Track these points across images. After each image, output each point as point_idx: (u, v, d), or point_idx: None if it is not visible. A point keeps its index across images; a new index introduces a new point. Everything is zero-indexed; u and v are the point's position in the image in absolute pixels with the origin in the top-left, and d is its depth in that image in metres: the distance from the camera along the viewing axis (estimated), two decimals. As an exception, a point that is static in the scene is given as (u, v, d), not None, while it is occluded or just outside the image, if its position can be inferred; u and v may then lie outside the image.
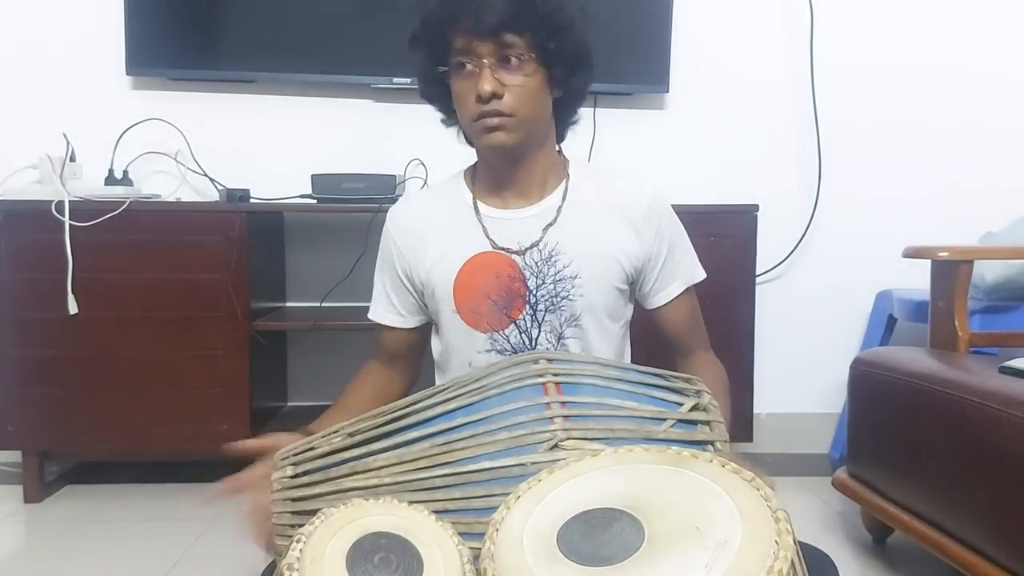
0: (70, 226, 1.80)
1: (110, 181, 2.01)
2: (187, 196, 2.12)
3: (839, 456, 2.14)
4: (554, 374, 0.88)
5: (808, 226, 2.29)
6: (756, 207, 2.00)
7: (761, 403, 2.10)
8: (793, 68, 2.29)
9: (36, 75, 2.14)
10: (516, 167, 1.13)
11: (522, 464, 0.79)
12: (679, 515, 0.64)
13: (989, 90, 2.32)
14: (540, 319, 1.11)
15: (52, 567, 1.57)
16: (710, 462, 0.70)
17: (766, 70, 2.30)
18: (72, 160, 1.96)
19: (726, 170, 2.27)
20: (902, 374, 1.40)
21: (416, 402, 0.90)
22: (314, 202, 1.99)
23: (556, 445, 0.80)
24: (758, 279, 2.07)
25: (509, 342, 1.12)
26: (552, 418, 0.82)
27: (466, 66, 1.04)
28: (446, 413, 0.86)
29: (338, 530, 0.70)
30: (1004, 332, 1.67)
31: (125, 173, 2.04)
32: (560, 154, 1.20)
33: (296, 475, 0.87)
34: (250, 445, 0.99)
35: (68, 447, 2.02)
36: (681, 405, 0.87)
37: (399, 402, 0.91)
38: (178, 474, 2.02)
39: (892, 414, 1.43)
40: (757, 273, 2.05)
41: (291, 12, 2.11)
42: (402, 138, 2.14)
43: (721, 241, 1.97)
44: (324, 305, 2.01)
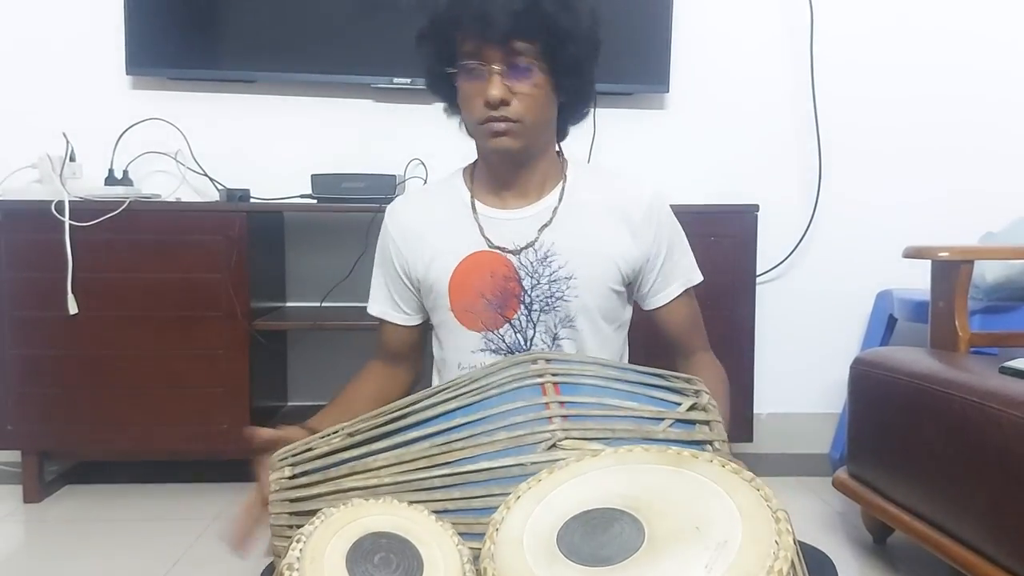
0: (70, 226, 1.81)
1: (110, 181, 2.01)
2: (187, 196, 2.12)
3: (839, 456, 2.14)
4: (553, 374, 0.87)
5: (808, 226, 2.29)
6: (756, 207, 2.00)
7: (761, 403, 2.11)
8: (793, 68, 2.29)
9: (36, 75, 2.14)
10: (517, 169, 1.13)
11: (521, 464, 0.79)
12: (679, 515, 0.64)
13: (989, 92, 2.32)
14: (535, 319, 1.11)
15: (52, 567, 1.57)
16: (710, 462, 0.70)
17: (766, 70, 2.30)
18: (72, 160, 1.97)
19: (726, 170, 2.27)
20: (902, 374, 1.40)
21: (415, 402, 0.90)
22: (314, 202, 1.99)
23: (555, 445, 0.80)
24: (758, 279, 2.07)
25: (504, 341, 1.11)
26: (551, 418, 0.82)
27: (475, 68, 1.04)
28: (445, 413, 0.86)
29: (338, 530, 0.70)
30: (1004, 332, 1.67)
31: (125, 173, 2.04)
32: (560, 155, 1.20)
33: (294, 476, 0.87)
34: (267, 435, 0.98)
35: (68, 447, 2.02)
36: (680, 405, 0.87)
37: (398, 402, 0.91)
38: (178, 474, 2.02)
39: (892, 414, 1.43)
40: (757, 273, 2.05)
41: (291, 12, 2.11)
42: (402, 138, 2.14)
43: (721, 241, 1.97)
44: (324, 305, 2.01)
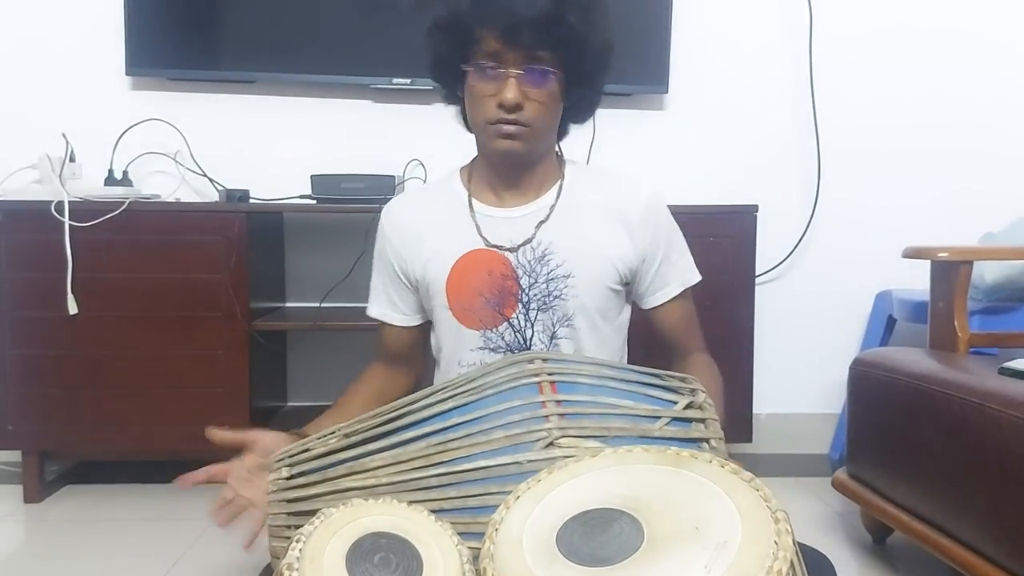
0: (70, 226, 1.80)
1: (110, 181, 2.01)
2: (187, 196, 2.12)
3: (839, 457, 2.14)
4: (549, 373, 0.88)
5: (808, 226, 2.29)
6: (755, 208, 2.00)
7: (761, 404, 2.10)
8: (792, 69, 2.29)
9: (36, 75, 2.14)
10: (518, 170, 1.13)
11: (518, 462, 0.79)
12: (678, 515, 0.64)
13: (988, 92, 2.32)
14: (533, 318, 1.11)
15: (52, 567, 1.57)
16: (709, 463, 0.70)
17: (765, 71, 2.30)
18: (72, 160, 1.96)
19: (725, 171, 2.27)
20: (902, 375, 1.40)
21: (412, 403, 0.90)
22: (313, 202, 1.99)
23: (551, 443, 0.80)
24: (758, 280, 2.07)
25: (503, 340, 1.11)
26: (547, 416, 0.82)
27: (490, 68, 1.03)
28: (442, 413, 0.87)
29: (338, 530, 0.70)
30: (1004, 333, 1.66)
31: (125, 173, 2.04)
32: (559, 155, 1.20)
33: (292, 476, 0.87)
34: (230, 437, 1.00)
35: (68, 447, 2.02)
36: (676, 404, 0.87)
37: (395, 403, 0.91)
38: (178, 474, 2.01)
39: (892, 415, 1.43)
40: (757, 274, 2.05)
41: (291, 12, 2.11)
42: (401, 138, 2.14)
43: (721, 242, 1.97)
44: (324, 305, 2.01)
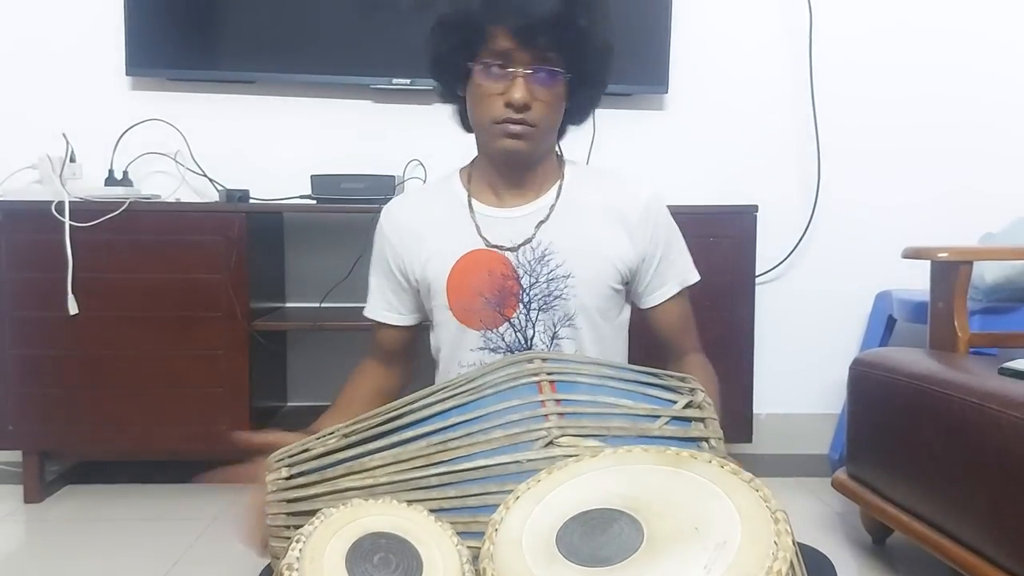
0: (70, 226, 1.81)
1: (110, 181, 2.01)
2: (187, 196, 2.12)
3: (839, 457, 2.14)
4: (548, 373, 0.88)
5: (807, 227, 2.29)
6: (755, 208, 2.00)
7: (761, 404, 2.10)
8: (792, 69, 2.29)
9: (36, 75, 2.14)
10: (520, 170, 1.14)
11: (517, 461, 0.79)
12: (678, 516, 0.64)
13: (988, 93, 2.32)
14: (534, 318, 1.11)
15: (52, 567, 1.57)
16: (709, 463, 0.70)
17: (765, 71, 2.30)
18: (72, 160, 1.97)
19: (725, 171, 2.27)
20: (902, 375, 1.40)
21: (412, 402, 0.90)
22: (313, 202, 1.99)
23: (551, 442, 0.80)
24: (757, 280, 2.07)
25: (504, 340, 1.12)
26: (547, 415, 0.82)
27: (497, 67, 1.03)
28: (441, 412, 0.87)
29: (337, 530, 0.70)
30: (1004, 333, 1.67)
31: (125, 173, 2.04)
32: (559, 156, 1.20)
33: (291, 476, 0.87)
34: (255, 439, 0.99)
35: (68, 447, 2.02)
36: (675, 403, 0.87)
37: (395, 403, 0.91)
38: (178, 474, 2.02)
39: (892, 415, 1.43)
40: (757, 274, 2.05)
41: (291, 13, 2.11)
42: (401, 138, 2.14)
43: (720, 242, 1.97)
44: (324, 305, 2.01)
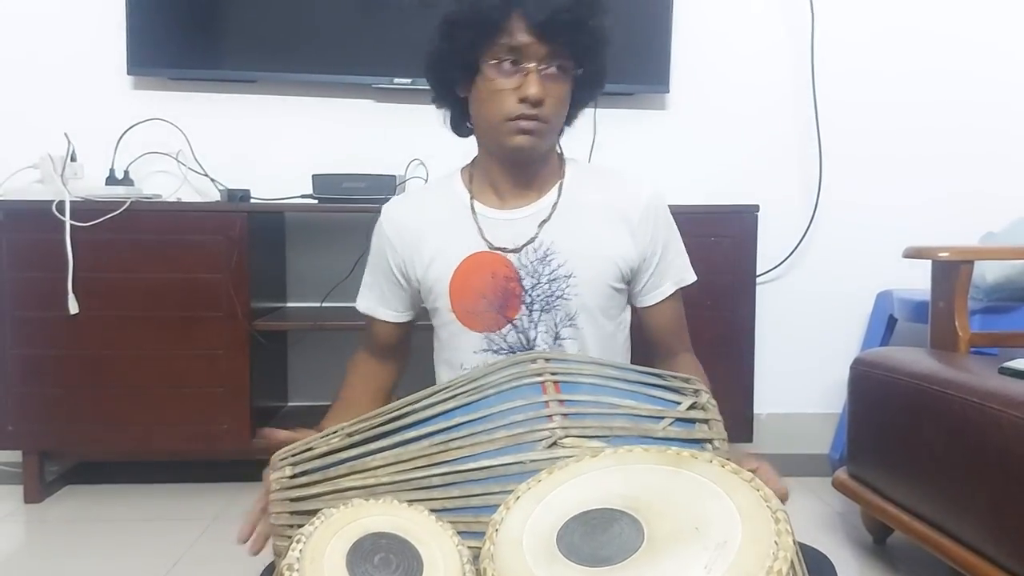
0: (71, 226, 1.81)
1: (111, 181, 2.01)
2: (188, 196, 2.12)
3: (839, 456, 2.14)
4: (552, 373, 0.88)
5: (808, 226, 2.29)
6: (756, 207, 2.00)
7: (761, 403, 2.10)
8: (794, 69, 2.29)
9: (38, 75, 2.14)
10: (526, 169, 1.13)
11: (520, 462, 0.79)
12: (679, 515, 0.64)
13: (987, 97, 2.32)
14: (536, 319, 1.11)
15: (52, 567, 1.57)
16: (710, 462, 0.70)
17: (766, 72, 2.30)
18: (73, 160, 1.97)
19: (726, 170, 2.27)
20: (902, 375, 1.40)
21: (415, 402, 0.90)
22: (315, 202, 2.00)
23: (555, 443, 0.80)
24: (758, 279, 2.07)
25: (507, 341, 1.12)
26: (550, 416, 0.82)
27: (509, 63, 1.04)
28: (444, 412, 0.86)
29: (338, 530, 0.70)
30: (1004, 332, 1.67)
31: (126, 173, 2.04)
32: (560, 155, 1.20)
33: (295, 475, 0.87)
34: (283, 436, 0.98)
35: (68, 447, 2.02)
36: (679, 404, 0.87)
37: (398, 402, 0.91)
38: (178, 474, 2.02)
39: (892, 415, 1.43)
40: (757, 273, 2.05)
41: (292, 12, 2.11)
42: (402, 138, 2.14)
43: (721, 241, 1.97)
44: (324, 305, 2.01)
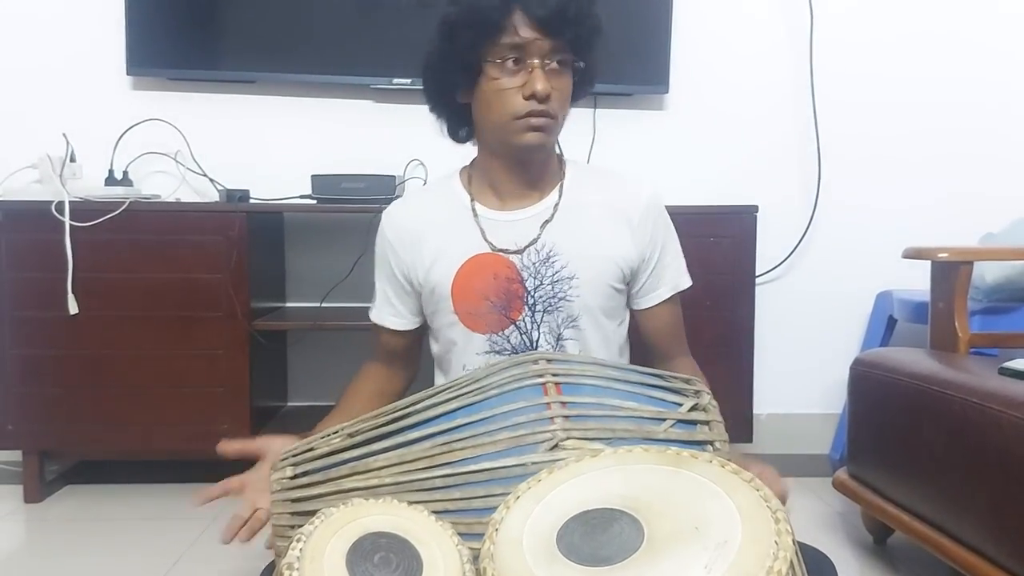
0: (70, 226, 1.80)
1: (110, 181, 2.01)
2: (187, 196, 2.12)
3: (839, 457, 2.14)
4: (554, 374, 0.88)
5: (808, 227, 2.29)
6: (756, 208, 2.00)
7: (761, 404, 2.10)
8: (793, 69, 2.29)
9: (37, 75, 2.14)
10: (530, 168, 1.13)
11: (522, 464, 0.79)
12: (678, 515, 0.64)
13: (987, 98, 2.32)
14: (539, 320, 1.11)
15: (53, 566, 1.57)
16: (709, 462, 0.70)
17: (766, 72, 2.30)
18: (72, 160, 1.96)
19: (726, 171, 2.27)
20: (902, 375, 1.40)
21: (416, 402, 0.90)
22: (314, 202, 1.99)
23: (556, 445, 0.80)
24: (758, 280, 2.07)
25: (509, 342, 1.12)
26: (552, 418, 0.82)
27: (512, 62, 1.04)
28: (446, 413, 0.87)
29: (338, 530, 0.70)
30: (1004, 333, 1.66)
31: (125, 173, 2.04)
32: (560, 155, 1.20)
33: (296, 476, 0.87)
34: (241, 448, 1.01)
35: (68, 447, 2.02)
36: (680, 405, 0.87)
37: (399, 403, 0.91)
38: (178, 474, 2.02)
39: (892, 415, 1.43)
40: (757, 274, 2.05)
41: (291, 12, 2.11)
42: (402, 138, 2.14)
43: (721, 241, 1.97)
44: (324, 305, 2.01)
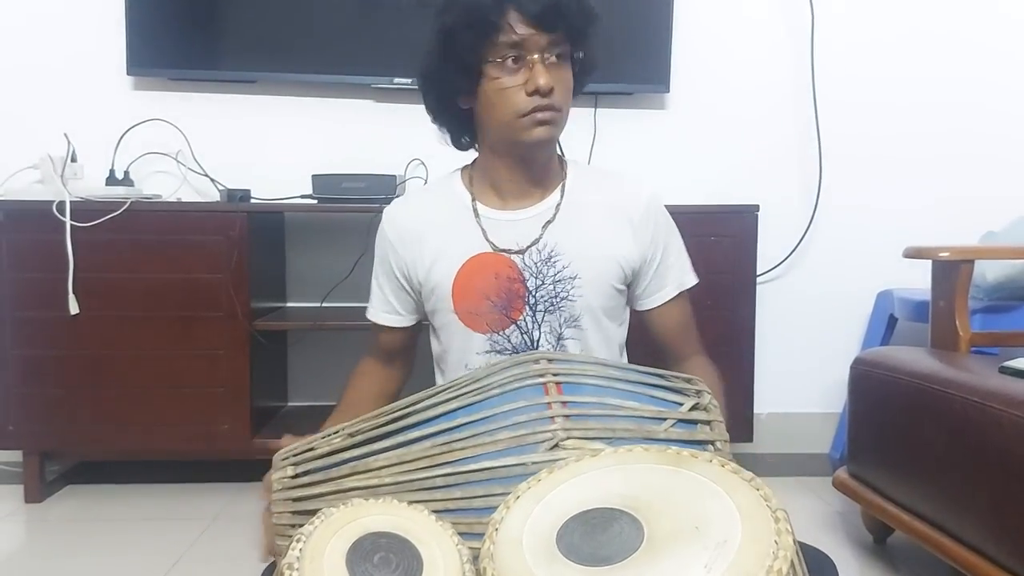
0: (71, 226, 1.80)
1: (111, 181, 2.01)
2: (188, 196, 2.12)
3: (840, 456, 2.14)
4: (554, 374, 0.88)
5: (809, 226, 2.29)
6: (756, 207, 2.00)
7: (761, 403, 2.10)
8: (794, 69, 2.29)
9: (37, 75, 2.14)
10: (534, 167, 1.13)
11: (523, 463, 0.79)
12: (678, 515, 0.64)
13: (987, 98, 2.32)
14: (540, 320, 1.11)
15: (53, 566, 1.57)
16: (710, 462, 0.70)
17: (767, 72, 2.29)
18: (73, 160, 1.97)
19: (726, 170, 2.27)
20: (903, 374, 1.40)
21: (417, 402, 0.90)
22: (314, 202, 1.99)
23: (557, 444, 0.80)
24: (759, 279, 2.07)
25: (510, 342, 1.12)
26: (553, 417, 0.82)
27: (512, 60, 1.04)
28: (447, 413, 0.86)
29: (338, 530, 0.70)
30: (1005, 332, 1.66)
31: (126, 173, 2.04)
32: (561, 156, 1.20)
33: (296, 475, 0.87)
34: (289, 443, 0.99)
35: (68, 447, 2.02)
36: (681, 405, 0.87)
37: (400, 402, 0.91)
38: (178, 474, 2.02)
39: (893, 414, 1.43)
40: (758, 273, 2.05)
41: (292, 12, 2.11)
42: (402, 138, 2.13)
43: (721, 241, 1.97)
44: (324, 305, 2.01)
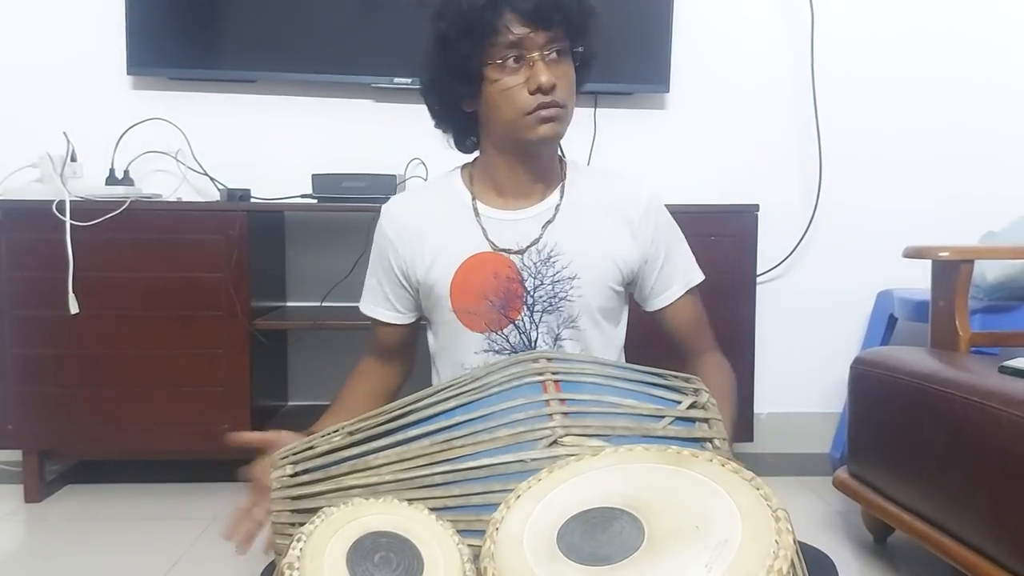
0: (71, 225, 1.81)
1: (111, 180, 2.01)
2: (188, 195, 2.12)
3: (840, 456, 2.14)
4: (553, 372, 0.88)
5: (809, 226, 2.29)
6: (756, 207, 2.00)
7: (761, 403, 2.10)
8: (794, 69, 2.29)
9: (37, 74, 2.14)
10: (538, 164, 1.13)
11: (521, 460, 0.79)
12: (679, 514, 0.64)
13: (987, 98, 2.32)
14: (538, 320, 1.11)
15: (53, 566, 1.57)
16: (710, 461, 0.70)
17: (767, 71, 2.30)
18: (73, 159, 1.97)
19: (726, 170, 2.27)
20: (903, 374, 1.40)
21: (416, 401, 0.90)
22: (314, 201, 2.00)
23: (555, 442, 0.80)
24: (759, 279, 2.07)
25: (508, 342, 1.12)
26: (551, 415, 0.82)
27: (512, 60, 1.04)
28: (446, 411, 0.87)
29: (338, 529, 0.70)
30: (1005, 332, 1.66)
31: (126, 172, 2.04)
32: (561, 156, 1.20)
33: (295, 474, 0.87)
34: (252, 438, 1.01)
35: (68, 446, 2.02)
36: (679, 403, 0.87)
37: (399, 401, 0.91)
38: (178, 474, 2.02)
39: (893, 414, 1.43)
40: (758, 273, 2.05)
41: (292, 12, 2.11)
42: (402, 138, 2.14)
43: (721, 241, 1.97)
44: (324, 304, 2.01)
